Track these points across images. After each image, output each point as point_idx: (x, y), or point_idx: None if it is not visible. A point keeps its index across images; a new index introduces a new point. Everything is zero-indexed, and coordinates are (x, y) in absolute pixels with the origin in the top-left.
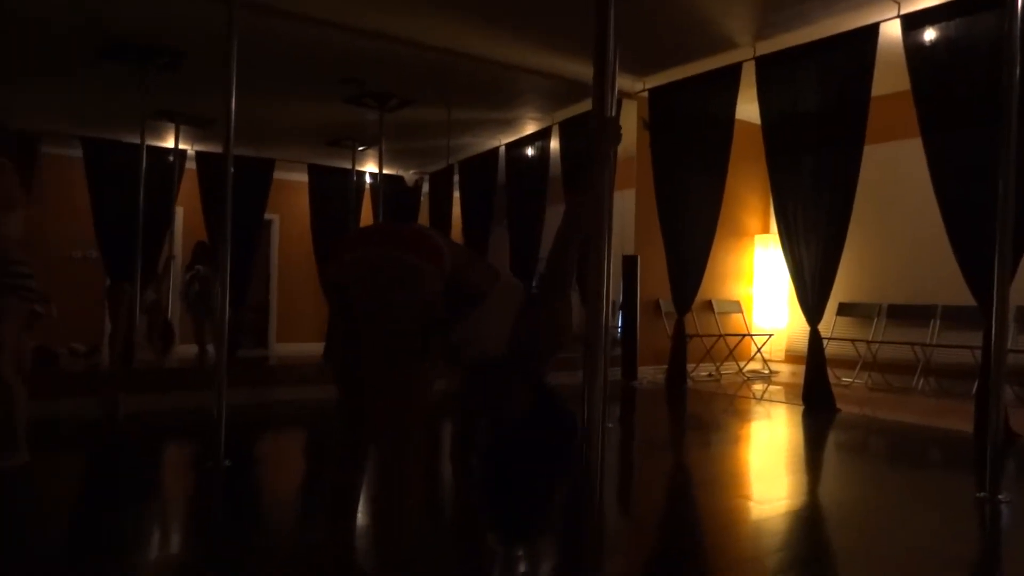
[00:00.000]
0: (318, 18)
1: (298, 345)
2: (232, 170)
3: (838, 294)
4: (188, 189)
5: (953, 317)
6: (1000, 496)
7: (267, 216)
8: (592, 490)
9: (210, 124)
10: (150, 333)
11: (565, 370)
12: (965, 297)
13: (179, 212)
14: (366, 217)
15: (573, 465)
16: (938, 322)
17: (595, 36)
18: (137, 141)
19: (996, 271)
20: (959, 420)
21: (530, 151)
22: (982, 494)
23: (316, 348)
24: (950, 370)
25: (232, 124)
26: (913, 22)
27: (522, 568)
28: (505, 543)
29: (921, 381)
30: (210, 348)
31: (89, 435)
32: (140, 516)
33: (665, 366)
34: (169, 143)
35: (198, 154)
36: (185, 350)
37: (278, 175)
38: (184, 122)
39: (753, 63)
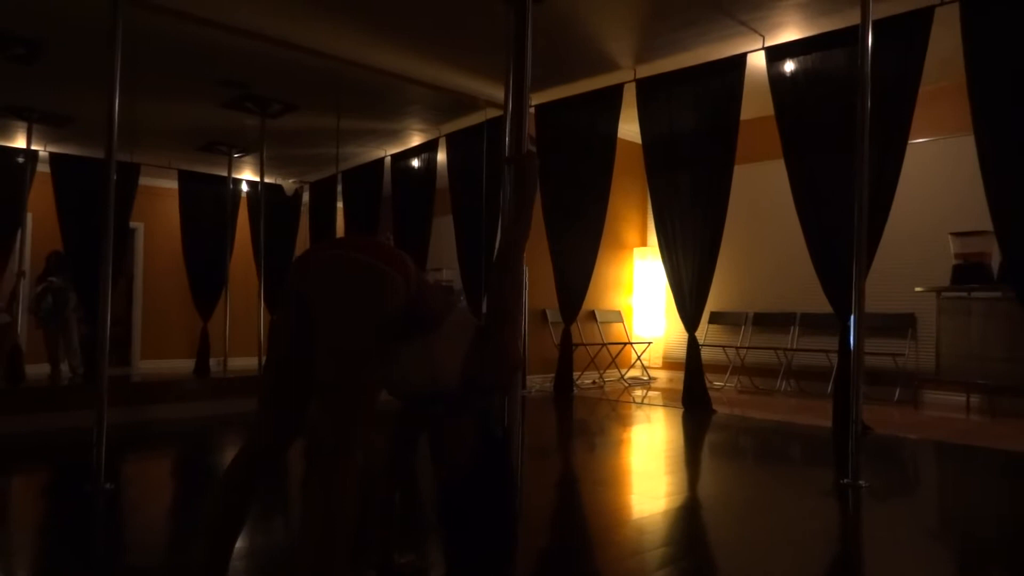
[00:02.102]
0: (199, 16)
1: (165, 362)
2: (114, 177)
3: (709, 304)
4: (39, 194)
5: (810, 324)
6: (861, 481)
7: (131, 224)
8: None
9: (68, 123)
10: None
11: None
12: (820, 305)
13: (28, 219)
14: (242, 227)
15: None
16: (797, 328)
17: (511, 71)
18: None
19: (854, 280)
20: (818, 416)
21: (416, 163)
22: (846, 480)
23: (185, 365)
24: (808, 372)
25: (115, 125)
26: (776, 54)
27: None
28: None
29: (783, 382)
30: (64, 366)
31: None
32: (20, 546)
33: (552, 374)
34: (18, 143)
35: (52, 156)
36: (32, 370)
37: (143, 181)
38: (38, 120)
39: (634, 85)
